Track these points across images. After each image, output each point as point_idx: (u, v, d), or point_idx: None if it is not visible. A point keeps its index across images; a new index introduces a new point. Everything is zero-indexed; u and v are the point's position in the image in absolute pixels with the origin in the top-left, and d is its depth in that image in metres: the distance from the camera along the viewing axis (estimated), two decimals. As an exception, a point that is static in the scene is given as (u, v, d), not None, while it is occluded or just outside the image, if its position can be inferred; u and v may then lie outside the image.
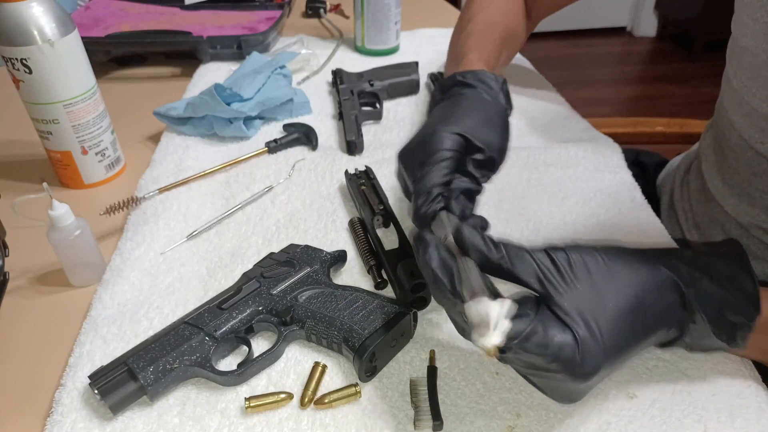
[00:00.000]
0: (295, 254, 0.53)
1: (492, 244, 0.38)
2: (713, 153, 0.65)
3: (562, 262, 0.37)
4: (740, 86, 0.58)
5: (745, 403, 0.42)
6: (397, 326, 0.45)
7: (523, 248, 0.38)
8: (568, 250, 0.38)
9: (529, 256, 0.37)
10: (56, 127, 0.63)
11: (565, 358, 0.35)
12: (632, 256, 0.39)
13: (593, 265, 0.37)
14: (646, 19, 3.36)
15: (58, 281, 0.55)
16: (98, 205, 0.59)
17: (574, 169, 0.67)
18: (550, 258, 0.37)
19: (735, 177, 0.61)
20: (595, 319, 0.35)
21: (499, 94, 0.56)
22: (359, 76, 0.84)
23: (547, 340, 0.34)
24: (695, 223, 0.68)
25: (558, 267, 0.37)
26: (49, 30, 0.58)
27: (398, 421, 0.41)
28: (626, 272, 0.38)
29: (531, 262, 0.37)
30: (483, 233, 0.39)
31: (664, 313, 0.38)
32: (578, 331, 0.35)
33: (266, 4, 1.11)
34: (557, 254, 0.37)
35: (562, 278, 0.37)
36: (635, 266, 0.38)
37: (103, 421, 0.42)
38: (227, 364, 0.46)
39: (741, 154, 0.59)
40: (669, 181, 0.78)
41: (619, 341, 0.36)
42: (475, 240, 0.38)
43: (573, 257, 0.37)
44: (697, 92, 2.81)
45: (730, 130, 0.61)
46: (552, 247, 0.38)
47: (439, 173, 0.45)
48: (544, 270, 0.37)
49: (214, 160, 0.70)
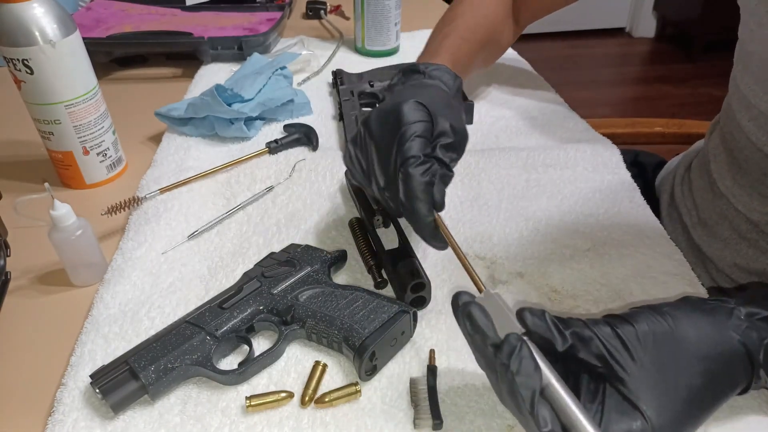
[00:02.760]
0: (295, 254, 0.53)
1: (558, 332, 0.35)
2: (723, 153, 0.65)
3: (629, 338, 0.35)
4: (747, 90, 0.58)
5: (745, 403, 0.42)
6: (397, 325, 0.45)
7: (588, 328, 0.35)
8: (635, 321, 0.36)
9: (596, 339, 0.34)
10: (58, 128, 0.63)
11: None
12: (702, 319, 0.37)
13: (661, 337, 0.35)
14: (644, 19, 3.37)
15: (59, 281, 0.55)
16: (100, 205, 0.59)
17: (572, 170, 0.67)
18: (615, 334, 0.35)
19: (746, 177, 0.61)
20: (667, 401, 0.34)
21: (456, 93, 0.57)
22: (359, 76, 0.84)
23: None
24: (700, 219, 0.68)
25: (625, 344, 0.34)
26: (51, 31, 0.58)
27: (398, 420, 0.41)
28: (694, 342, 0.35)
29: (598, 344, 0.34)
30: (542, 314, 0.35)
31: (733, 381, 0.37)
32: (651, 417, 0.33)
33: (267, 5, 1.11)
34: (624, 329, 0.35)
35: (630, 356, 0.34)
36: (704, 333, 0.36)
37: (104, 420, 0.42)
38: (228, 364, 0.46)
39: (750, 155, 0.59)
40: (668, 180, 0.78)
41: (690, 418, 0.35)
42: (541, 331, 0.35)
43: (641, 329, 0.35)
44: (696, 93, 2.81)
45: (738, 133, 0.61)
46: (615, 318, 0.36)
47: (420, 145, 0.45)
48: (611, 349, 0.34)
49: (215, 160, 0.70)
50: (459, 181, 0.66)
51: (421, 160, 0.45)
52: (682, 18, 3.15)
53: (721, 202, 0.65)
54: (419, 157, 0.45)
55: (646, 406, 0.33)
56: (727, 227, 0.64)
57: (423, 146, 0.46)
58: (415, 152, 0.45)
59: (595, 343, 0.34)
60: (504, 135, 0.76)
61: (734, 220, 0.63)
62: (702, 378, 0.35)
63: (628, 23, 3.45)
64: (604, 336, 0.35)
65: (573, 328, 0.35)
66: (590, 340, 0.35)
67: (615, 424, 0.33)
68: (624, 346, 0.35)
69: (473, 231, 0.59)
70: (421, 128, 0.47)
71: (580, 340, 0.35)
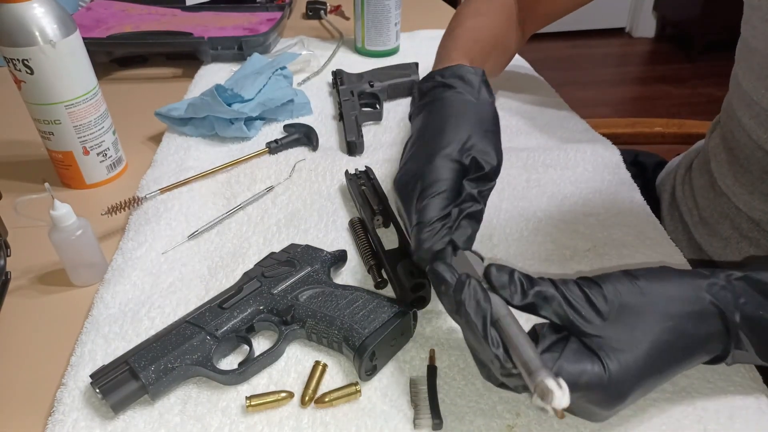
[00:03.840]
0: (295, 254, 0.53)
1: (520, 285, 0.37)
2: (723, 152, 0.65)
3: (596, 296, 0.36)
4: (749, 87, 0.58)
5: (745, 403, 0.42)
6: (397, 325, 0.45)
7: (556, 287, 0.37)
8: (603, 282, 0.37)
9: (560, 299, 0.36)
10: (58, 128, 0.63)
11: (594, 392, 0.34)
12: (674, 282, 0.38)
13: (629, 296, 0.37)
14: (644, 19, 3.37)
15: (59, 281, 0.55)
16: (100, 205, 0.59)
17: (573, 170, 0.67)
18: (583, 292, 0.37)
19: (747, 175, 0.61)
20: (629, 353, 0.35)
21: (481, 88, 0.55)
22: (359, 77, 0.84)
23: (575, 376, 0.34)
24: (701, 218, 0.68)
25: (591, 301, 0.36)
26: (51, 31, 0.58)
27: (398, 420, 0.41)
28: (664, 301, 0.37)
29: (561, 303, 0.36)
30: (511, 271, 0.38)
31: (704, 342, 0.37)
32: (608, 363, 0.34)
33: (267, 5, 1.11)
34: (592, 288, 0.37)
35: (596, 312, 0.36)
36: (675, 294, 0.37)
37: (104, 420, 0.42)
38: (228, 363, 0.46)
39: (751, 154, 0.60)
40: (669, 180, 0.78)
41: (652, 372, 0.36)
42: (502, 283, 0.38)
43: (607, 289, 0.37)
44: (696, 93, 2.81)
45: (739, 131, 0.61)
46: (585, 279, 0.38)
47: (438, 205, 0.45)
48: (575, 306, 0.36)
49: (215, 160, 0.71)
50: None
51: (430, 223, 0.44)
52: (682, 18, 3.15)
53: (722, 200, 0.65)
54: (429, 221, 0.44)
55: (605, 355, 0.35)
56: (728, 226, 0.64)
57: (442, 205, 0.45)
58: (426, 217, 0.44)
59: (557, 302, 0.36)
60: (504, 135, 0.74)
61: (735, 218, 0.63)
62: (668, 335, 0.36)
63: (628, 23, 3.46)
64: (571, 295, 0.36)
65: (537, 287, 0.37)
66: (553, 299, 0.36)
67: (570, 364, 0.34)
68: (590, 304, 0.36)
69: (473, 231, 0.59)
70: (441, 187, 0.46)
71: (543, 299, 0.37)
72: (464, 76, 0.55)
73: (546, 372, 0.32)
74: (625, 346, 0.35)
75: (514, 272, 0.38)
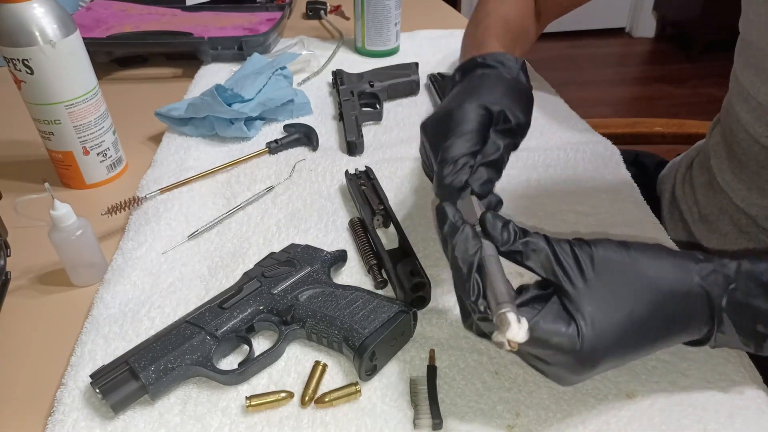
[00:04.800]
0: (295, 254, 0.53)
1: (513, 235, 0.38)
2: (723, 149, 0.66)
3: (584, 257, 0.37)
4: (747, 82, 0.59)
5: (744, 404, 0.42)
6: (397, 325, 0.45)
7: (548, 242, 0.38)
8: (594, 245, 0.37)
9: (549, 253, 0.37)
10: (58, 128, 0.63)
11: (564, 352, 0.35)
12: (665, 259, 0.38)
13: (617, 264, 0.37)
14: (644, 19, 3.37)
15: (59, 281, 0.55)
16: (100, 205, 0.59)
17: (573, 170, 0.67)
18: (572, 251, 0.37)
19: (745, 171, 0.61)
20: (604, 319, 0.35)
21: (519, 73, 0.54)
22: (359, 77, 0.84)
23: (548, 335, 0.35)
24: (701, 216, 0.69)
25: (579, 261, 0.36)
26: (51, 31, 0.58)
27: (398, 420, 0.41)
28: (652, 275, 0.37)
29: (549, 257, 0.37)
30: (506, 221, 0.39)
31: (685, 322, 0.38)
32: (583, 327, 0.35)
33: (267, 5, 1.11)
34: (582, 248, 0.37)
35: (581, 273, 0.36)
36: (664, 270, 0.37)
37: (104, 420, 0.42)
38: (228, 363, 0.46)
39: (748, 148, 0.60)
40: (670, 179, 0.78)
41: (626, 344, 0.36)
42: (495, 230, 0.39)
43: (597, 253, 0.37)
44: (696, 93, 2.81)
45: (737, 127, 0.62)
46: (578, 239, 0.38)
47: (465, 144, 0.45)
48: (563, 263, 0.36)
49: (215, 160, 0.71)
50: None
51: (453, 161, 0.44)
52: (682, 18, 3.15)
53: (721, 196, 0.65)
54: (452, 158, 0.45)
55: (582, 318, 0.35)
56: (726, 222, 0.65)
57: (467, 145, 0.45)
58: (449, 154, 0.45)
59: (544, 255, 0.37)
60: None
61: (734, 214, 0.64)
62: (650, 308, 0.36)
63: (628, 23, 3.46)
64: (560, 251, 0.37)
65: (528, 238, 0.38)
66: (541, 251, 0.37)
67: (546, 323, 0.35)
68: (577, 264, 0.36)
69: (473, 231, 0.59)
70: (468, 127, 0.46)
71: (532, 249, 0.37)
72: (504, 62, 0.55)
73: (511, 306, 0.34)
74: (603, 312, 0.35)
75: (510, 222, 0.39)
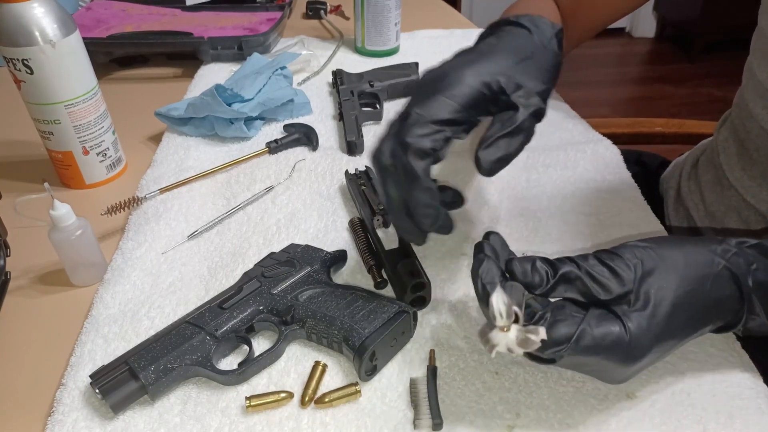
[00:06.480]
0: (295, 254, 0.53)
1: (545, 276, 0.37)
2: (733, 145, 0.66)
3: (620, 266, 0.37)
4: (764, 77, 0.58)
5: (744, 404, 0.42)
6: (397, 325, 0.45)
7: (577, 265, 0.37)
8: (622, 252, 0.38)
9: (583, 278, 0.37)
10: (57, 128, 0.63)
11: (615, 352, 0.36)
12: (688, 247, 0.39)
13: (649, 262, 0.38)
14: (644, 19, 3.37)
15: (59, 281, 0.55)
16: (99, 205, 0.59)
17: (573, 170, 0.67)
18: (606, 266, 0.37)
19: (756, 167, 0.61)
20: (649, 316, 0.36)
21: (552, 40, 0.50)
22: (359, 76, 0.84)
23: (599, 340, 0.35)
24: (708, 212, 0.68)
25: (616, 272, 0.37)
26: (51, 31, 0.58)
27: (398, 420, 0.41)
28: (682, 264, 0.38)
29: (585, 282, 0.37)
30: (533, 261, 0.38)
31: (718, 305, 0.39)
32: (629, 324, 0.36)
33: (267, 5, 1.11)
34: (614, 261, 0.38)
35: (618, 282, 0.37)
36: (691, 257, 0.38)
37: (104, 420, 0.42)
38: (228, 364, 0.46)
39: (762, 144, 0.60)
40: (674, 177, 0.78)
41: (670, 333, 0.37)
42: (527, 277, 0.38)
43: (628, 258, 0.38)
44: (696, 93, 2.81)
45: (750, 122, 0.61)
46: (603, 252, 0.39)
47: (448, 107, 0.40)
48: (601, 280, 0.37)
49: (215, 160, 0.70)
50: (459, 181, 0.66)
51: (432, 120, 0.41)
52: (682, 18, 3.15)
53: (730, 193, 0.65)
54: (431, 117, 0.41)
55: (626, 318, 0.36)
56: (735, 219, 0.65)
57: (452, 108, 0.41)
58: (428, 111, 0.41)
59: (581, 281, 0.37)
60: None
61: (743, 211, 0.63)
62: (686, 297, 0.37)
63: (628, 23, 3.45)
64: (594, 270, 0.37)
65: (561, 271, 0.37)
66: (576, 279, 0.37)
67: (593, 328, 0.36)
68: (615, 275, 0.37)
69: (473, 231, 0.59)
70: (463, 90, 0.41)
71: (566, 281, 0.37)
72: (539, 24, 0.50)
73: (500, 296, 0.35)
74: (645, 307, 0.36)
75: (536, 261, 0.38)
